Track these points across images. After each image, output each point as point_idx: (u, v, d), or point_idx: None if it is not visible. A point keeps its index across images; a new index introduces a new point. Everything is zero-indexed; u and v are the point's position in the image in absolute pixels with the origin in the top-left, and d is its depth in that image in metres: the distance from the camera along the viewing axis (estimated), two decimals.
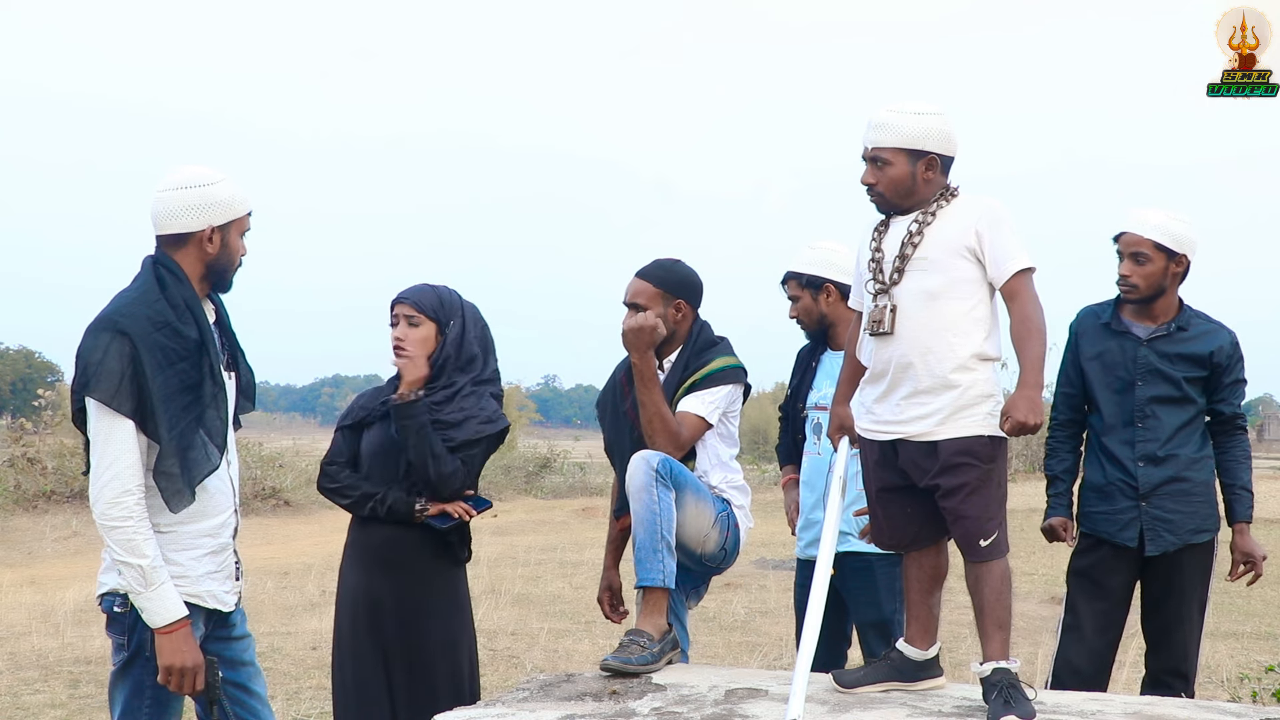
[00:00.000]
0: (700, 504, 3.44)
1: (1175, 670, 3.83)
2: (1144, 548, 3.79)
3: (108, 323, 2.78)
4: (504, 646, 7.12)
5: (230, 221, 2.91)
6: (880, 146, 2.99)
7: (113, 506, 2.75)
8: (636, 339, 3.50)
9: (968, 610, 3.30)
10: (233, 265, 2.95)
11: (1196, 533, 3.80)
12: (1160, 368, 3.79)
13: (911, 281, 2.98)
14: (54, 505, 15.35)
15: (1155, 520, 3.78)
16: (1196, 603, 3.85)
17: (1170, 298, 3.83)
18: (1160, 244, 3.75)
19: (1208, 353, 3.79)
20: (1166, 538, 3.78)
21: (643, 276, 3.63)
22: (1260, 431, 59.30)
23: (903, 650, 3.15)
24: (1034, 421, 2.80)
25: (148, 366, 2.75)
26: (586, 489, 21.42)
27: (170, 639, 2.79)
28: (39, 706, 5.71)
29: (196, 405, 2.84)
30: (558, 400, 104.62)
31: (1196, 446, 3.83)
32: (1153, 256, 3.75)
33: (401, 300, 3.53)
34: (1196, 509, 3.80)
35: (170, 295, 2.85)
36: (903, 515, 3.09)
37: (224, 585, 2.96)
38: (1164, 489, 3.77)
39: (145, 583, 2.76)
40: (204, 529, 2.90)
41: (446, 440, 3.44)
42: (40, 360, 47.14)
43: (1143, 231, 3.75)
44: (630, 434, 3.61)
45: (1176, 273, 3.79)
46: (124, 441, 2.75)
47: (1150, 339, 3.82)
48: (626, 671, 3.22)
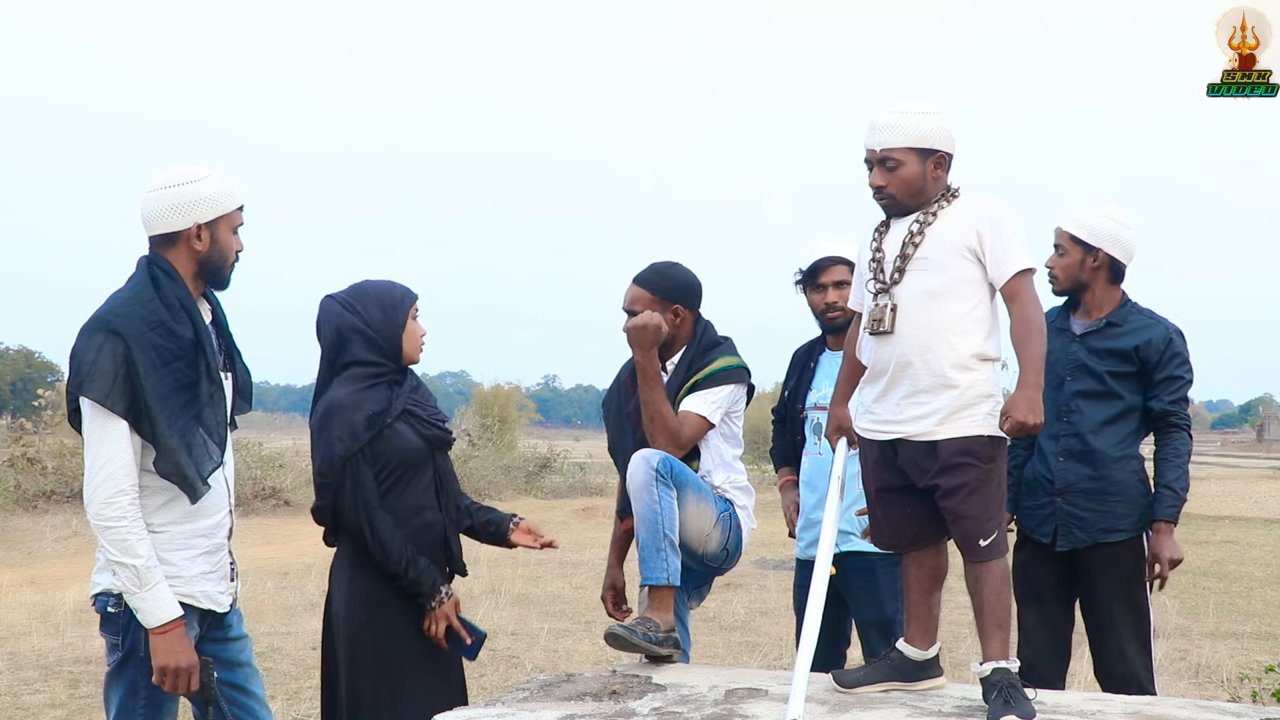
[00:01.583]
0: (702, 504, 3.44)
1: (1115, 673, 3.77)
2: (1056, 543, 3.81)
3: (101, 323, 2.78)
4: (504, 646, 7.12)
5: (218, 217, 2.89)
6: (891, 147, 2.98)
7: (106, 506, 2.74)
8: (640, 337, 3.51)
9: (968, 610, 3.30)
10: (226, 262, 2.93)
11: (1110, 531, 3.77)
12: (1087, 363, 3.82)
13: (912, 281, 2.98)
14: (54, 505, 15.35)
15: (1068, 516, 3.80)
16: (1127, 603, 3.77)
17: (1099, 293, 3.86)
18: (1076, 236, 3.83)
19: (1133, 347, 3.79)
20: (1077, 534, 3.78)
21: (639, 283, 3.64)
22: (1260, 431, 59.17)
23: (903, 650, 3.15)
24: (1034, 421, 2.80)
25: (141, 366, 2.75)
26: (586, 489, 21.42)
27: (165, 639, 2.79)
28: (39, 706, 5.71)
29: (194, 404, 2.84)
30: (558, 400, 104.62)
31: (1122, 444, 3.79)
32: (1068, 249, 3.86)
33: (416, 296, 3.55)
34: (1111, 508, 3.77)
35: (164, 295, 2.84)
36: (902, 515, 3.09)
37: (218, 586, 2.95)
38: (1079, 485, 3.78)
39: (140, 583, 2.76)
40: (198, 529, 2.90)
41: (453, 437, 3.45)
42: (40, 360, 47.13)
43: (1064, 225, 3.87)
44: (633, 434, 3.61)
45: (1094, 267, 3.83)
46: (118, 442, 2.75)
47: (1083, 335, 3.86)
48: (627, 642, 3.23)
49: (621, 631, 3.24)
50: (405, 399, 3.33)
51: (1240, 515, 17.32)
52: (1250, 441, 58.86)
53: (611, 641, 3.27)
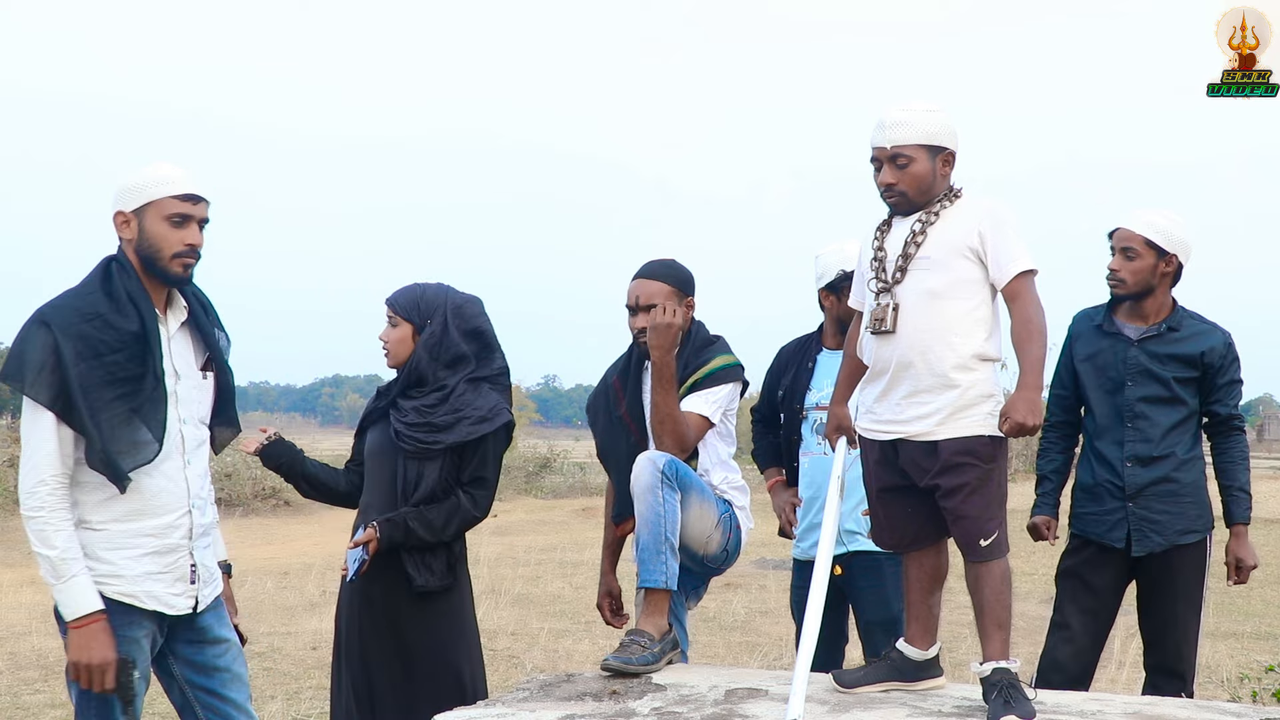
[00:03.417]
0: (705, 506, 3.44)
1: (1170, 670, 3.83)
2: (1131, 548, 3.80)
3: (35, 316, 2.78)
4: (504, 646, 7.12)
5: (144, 204, 2.83)
6: (902, 144, 2.97)
7: (28, 496, 2.74)
8: (663, 336, 3.45)
9: (968, 610, 3.30)
10: (159, 253, 2.83)
11: (1184, 534, 3.80)
12: (1150, 368, 3.79)
13: (914, 281, 2.98)
14: None
15: (1142, 521, 3.78)
16: (1190, 604, 3.84)
17: (1161, 298, 3.84)
18: (1151, 241, 3.77)
19: (1199, 353, 3.80)
20: (1153, 539, 3.79)
21: (653, 277, 3.58)
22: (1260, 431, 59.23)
23: (903, 650, 3.15)
24: (1033, 423, 2.80)
25: (67, 356, 2.71)
26: (586, 489, 21.41)
27: (80, 634, 2.73)
28: (39, 706, 5.70)
29: (132, 397, 2.78)
30: (558, 400, 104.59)
31: (1187, 447, 3.82)
32: (1142, 253, 3.78)
33: (390, 302, 3.57)
34: (1184, 510, 3.79)
35: (113, 287, 2.81)
36: (903, 515, 3.08)
37: (171, 588, 2.87)
38: (1151, 490, 3.78)
39: (55, 575, 2.74)
40: (144, 528, 2.83)
41: (434, 444, 3.44)
42: None
43: (1135, 227, 3.79)
44: (627, 440, 3.60)
45: (1166, 272, 3.80)
46: (42, 432, 2.73)
47: (1141, 339, 3.82)
48: (627, 671, 3.22)
49: (617, 664, 3.21)
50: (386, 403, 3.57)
51: None
52: (1250, 441, 58.89)
53: (610, 674, 3.25)
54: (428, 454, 3.45)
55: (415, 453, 3.45)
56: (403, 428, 3.46)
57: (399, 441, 3.46)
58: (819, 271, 3.94)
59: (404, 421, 3.46)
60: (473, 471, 3.49)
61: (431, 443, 3.44)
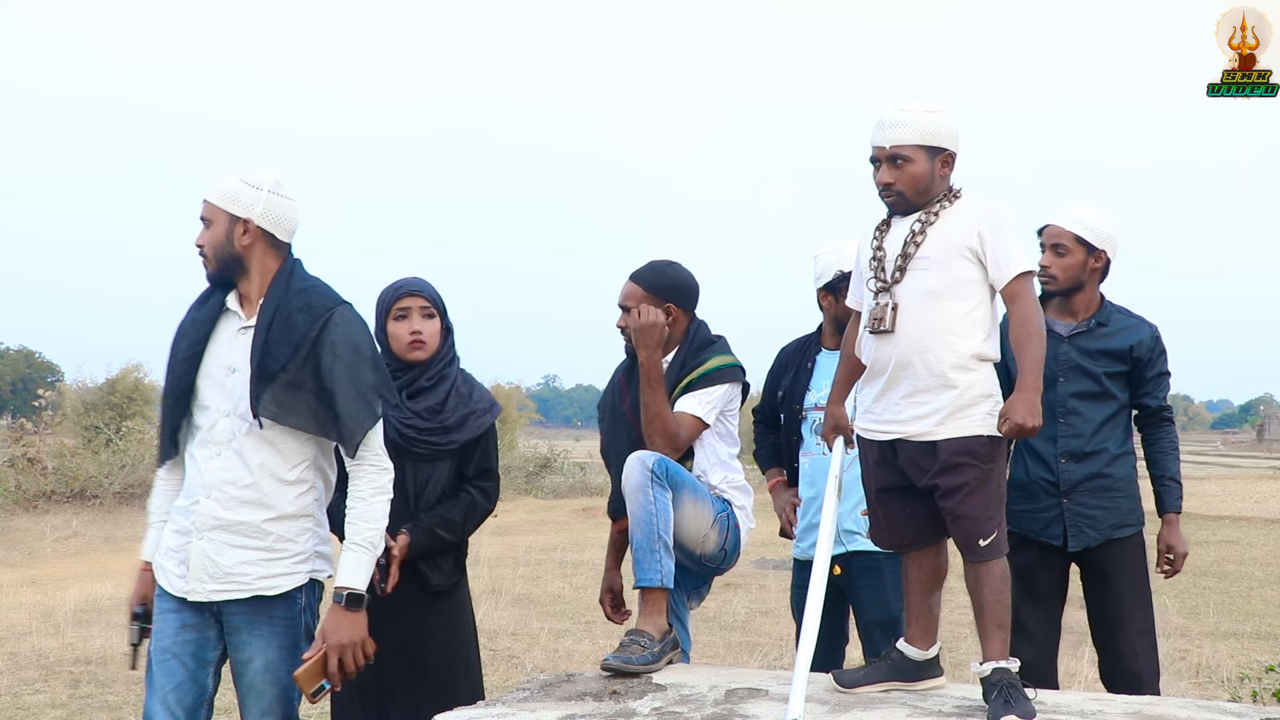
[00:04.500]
0: (698, 504, 3.43)
1: (1125, 670, 3.79)
2: (1067, 544, 3.81)
3: None
4: (504, 646, 7.12)
5: None
6: (901, 144, 2.98)
7: None
8: (646, 336, 3.48)
9: (968, 610, 3.30)
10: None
11: (1119, 527, 3.81)
12: (1081, 364, 3.82)
13: (913, 281, 2.98)
14: (54, 505, 15.36)
15: (1077, 516, 3.80)
16: (1137, 598, 3.82)
17: (1090, 293, 3.87)
18: (1080, 237, 3.81)
19: (1128, 347, 3.82)
20: (1089, 533, 3.80)
21: (634, 280, 3.63)
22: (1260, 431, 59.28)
23: (903, 650, 3.15)
24: (1032, 424, 2.80)
25: None
26: (586, 489, 21.43)
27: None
28: (39, 706, 5.70)
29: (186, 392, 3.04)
30: (558, 400, 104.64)
31: (1119, 442, 3.84)
32: (1072, 249, 3.83)
33: (416, 292, 3.52)
34: (1118, 504, 3.81)
35: None
36: (902, 515, 3.09)
37: (177, 569, 2.97)
38: (1085, 485, 3.79)
39: None
40: (178, 507, 3.02)
41: (449, 444, 3.44)
42: (40, 360, 47.16)
43: (1064, 224, 3.83)
44: (628, 436, 3.60)
45: (1095, 268, 3.84)
46: None
47: (1071, 335, 3.85)
48: (627, 671, 3.22)
49: (617, 664, 3.22)
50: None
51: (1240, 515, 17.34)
52: (1250, 441, 58.99)
53: (610, 674, 3.25)
54: (439, 454, 3.45)
55: (429, 455, 3.45)
56: (413, 433, 3.43)
57: (409, 446, 3.43)
58: (817, 272, 3.95)
59: (412, 425, 3.43)
60: (478, 464, 3.52)
61: (446, 444, 3.44)
